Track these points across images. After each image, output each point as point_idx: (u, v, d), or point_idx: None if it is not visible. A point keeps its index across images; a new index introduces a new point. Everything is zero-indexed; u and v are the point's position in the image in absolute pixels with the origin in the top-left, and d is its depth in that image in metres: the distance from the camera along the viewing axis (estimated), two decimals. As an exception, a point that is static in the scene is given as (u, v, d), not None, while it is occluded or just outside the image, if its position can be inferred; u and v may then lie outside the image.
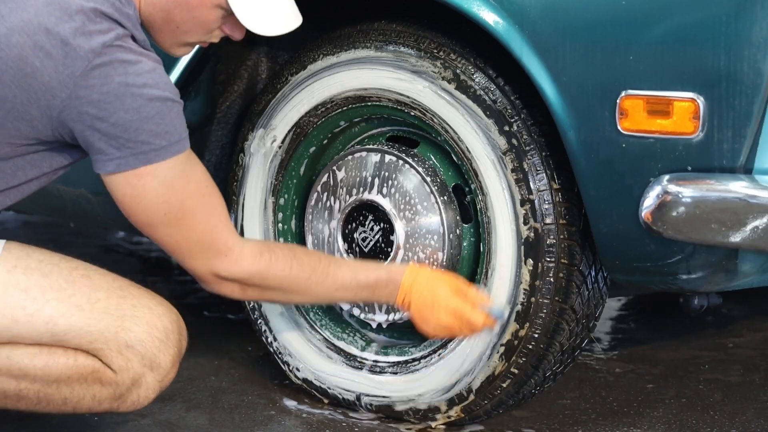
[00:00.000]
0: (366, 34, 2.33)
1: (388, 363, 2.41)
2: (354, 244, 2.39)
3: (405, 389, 2.37)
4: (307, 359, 2.49)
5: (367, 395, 2.42)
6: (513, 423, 2.40)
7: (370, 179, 2.36)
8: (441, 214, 2.30)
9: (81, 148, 2.03)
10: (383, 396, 2.40)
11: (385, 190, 2.33)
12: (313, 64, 2.39)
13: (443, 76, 2.23)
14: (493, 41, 2.15)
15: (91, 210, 2.70)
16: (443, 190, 2.31)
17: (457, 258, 2.32)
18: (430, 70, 2.24)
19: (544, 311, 2.20)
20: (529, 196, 2.17)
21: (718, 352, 2.90)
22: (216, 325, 3.07)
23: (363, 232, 2.38)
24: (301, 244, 2.51)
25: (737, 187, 1.96)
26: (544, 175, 2.17)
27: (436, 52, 2.24)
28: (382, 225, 2.36)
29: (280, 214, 2.50)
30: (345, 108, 2.39)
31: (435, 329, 2.17)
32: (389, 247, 2.34)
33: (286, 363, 2.52)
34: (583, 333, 2.30)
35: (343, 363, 2.45)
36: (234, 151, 2.55)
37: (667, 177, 2.00)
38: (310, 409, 2.47)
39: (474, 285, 2.27)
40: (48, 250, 2.06)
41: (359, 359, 2.44)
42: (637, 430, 2.38)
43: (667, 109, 1.99)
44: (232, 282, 2.08)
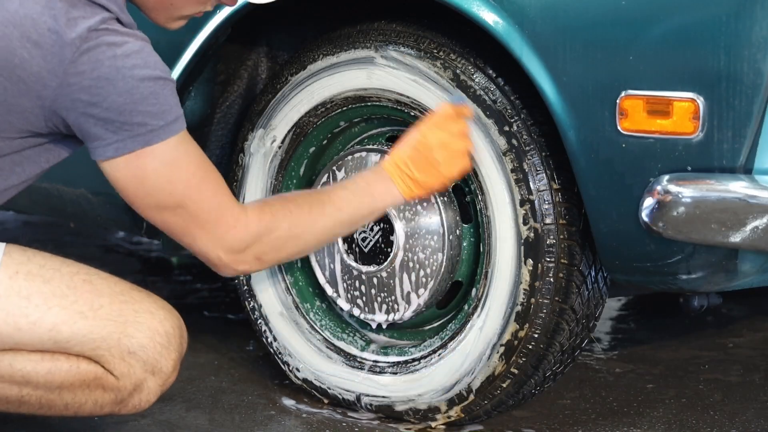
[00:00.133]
0: (366, 34, 2.33)
1: (388, 363, 2.41)
2: (354, 244, 2.39)
3: (405, 389, 2.37)
4: (307, 359, 2.49)
5: (367, 395, 2.42)
6: (513, 423, 2.40)
7: (370, 179, 2.35)
8: (441, 214, 2.30)
9: (77, 139, 2.00)
10: (383, 396, 2.40)
11: (385, 190, 2.33)
12: (313, 64, 2.38)
13: (443, 76, 2.23)
14: (493, 41, 2.15)
15: (91, 210, 2.70)
16: (443, 190, 2.31)
17: (456, 258, 2.32)
18: (429, 70, 2.24)
19: (544, 311, 2.20)
20: (529, 196, 2.17)
21: (718, 352, 2.90)
22: (216, 325, 3.07)
23: (363, 232, 2.38)
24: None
25: (737, 187, 1.95)
26: (544, 175, 2.17)
27: (436, 52, 2.24)
28: (381, 225, 2.36)
29: (280, 214, 2.50)
30: (345, 108, 2.39)
31: (450, 168, 2.15)
32: (389, 248, 2.34)
33: (286, 363, 2.52)
34: (583, 333, 2.30)
35: (343, 363, 2.45)
36: (234, 151, 2.55)
37: (667, 177, 2.00)
38: (310, 409, 2.47)
39: (473, 286, 2.27)
40: (48, 253, 2.04)
41: (359, 359, 2.44)
42: (637, 430, 2.38)
43: (667, 109, 1.99)
44: (246, 251, 2.03)
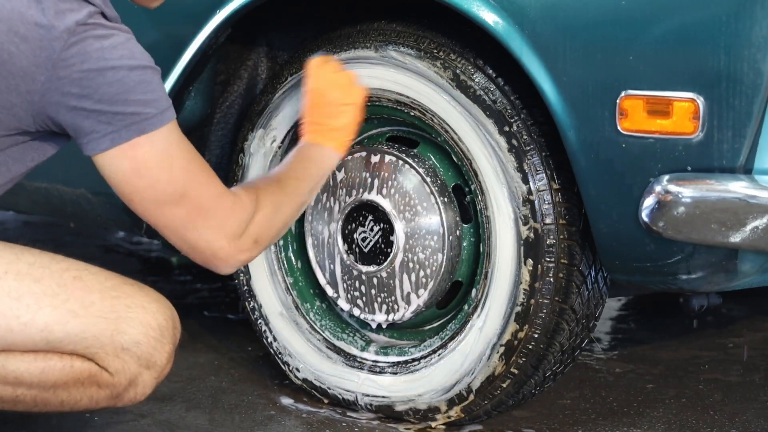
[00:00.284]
0: (366, 34, 2.32)
1: (388, 363, 2.41)
2: (354, 244, 2.39)
3: (405, 389, 2.37)
4: (307, 359, 2.49)
5: (367, 395, 2.42)
6: (513, 423, 2.40)
7: (369, 179, 2.35)
8: (441, 214, 2.30)
9: (63, 137, 1.99)
10: (383, 396, 2.40)
11: (384, 191, 2.33)
12: (313, 64, 2.38)
13: (443, 76, 2.23)
14: (493, 41, 2.15)
15: (91, 210, 2.70)
16: (443, 191, 2.31)
17: (456, 258, 2.32)
18: (429, 70, 2.24)
19: (544, 311, 2.20)
20: (529, 196, 2.17)
21: (718, 352, 2.90)
22: (216, 325, 3.07)
23: (363, 232, 2.38)
24: (301, 246, 2.51)
25: (737, 187, 1.95)
26: (544, 175, 2.17)
27: (435, 52, 2.24)
28: (381, 225, 2.36)
29: (280, 214, 2.50)
30: (345, 108, 2.39)
31: (355, 105, 2.26)
32: (389, 248, 2.34)
33: (286, 363, 2.52)
34: (583, 333, 2.30)
35: (343, 363, 2.45)
36: (234, 151, 2.55)
37: (667, 177, 2.00)
38: (310, 409, 2.47)
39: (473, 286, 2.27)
40: (36, 249, 2.02)
41: (359, 359, 2.44)
42: (637, 430, 2.38)
43: (667, 109, 1.99)
44: (246, 235, 2.03)
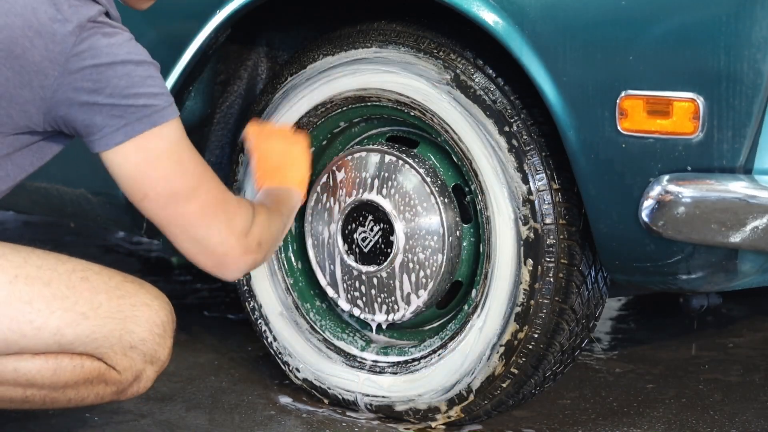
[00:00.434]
0: (366, 34, 2.32)
1: (388, 363, 2.41)
2: (354, 244, 2.39)
3: (405, 389, 2.37)
4: (307, 359, 2.49)
5: (367, 395, 2.42)
6: (513, 423, 2.40)
7: (370, 180, 2.35)
8: (441, 214, 2.30)
9: (66, 138, 2.00)
10: (383, 396, 2.40)
11: (385, 191, 2.33)
12: (313, 64, 2.38)
13: (443, 76, 2.22)
14: (493, 41, 2.15)
15: (91, 210, 2.70)
16: (443, 191, 2.31)
17: (456, 258, 2.32)
18: (429, 70, 2.24)
19: (544, 311, 2.20)
20: (529, 196, 2.17)
21: (718, 352, 2.90)
22: (216, 325, 3.07)
23: (363, 232, 2.38)
24: (301, 246, 2.51)
25: (737, 187, 1.95)
26: (544, 175, 2.17)
27: (436, 52, 2.24)
28: (382, 225, 2.36)
29: (280, 214, 2.50)
30: (345, 108, 2.39)
31: (304, 171, 2.34)
32: (389, 248, 2.34)
33: (286, 363, 2.52)
34: (583, 333, 2.30)
35: (343, 363, 2.45)
36: (234, 151, 2.55)
37: (667, 177, 2.00)
38: (310, 409, 2.47)
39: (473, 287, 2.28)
40: (39, 249, 2.03)
41: (359, 359, 2.44)
42: (637, 430, 2.38)
43: (667, 109, 1.99)
44: (251, 235, 2.04)
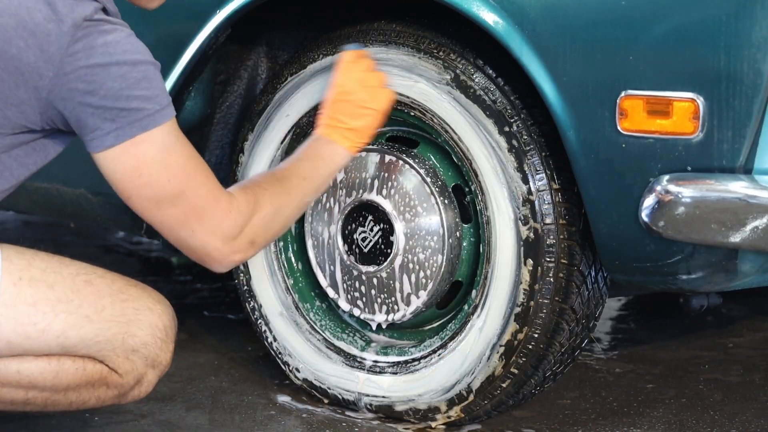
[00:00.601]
0: (366, 34, 2.32)
1: (388, 363, 2.41)
2: (354, 245, 2.39)
3: (405, 389, 2.37)
4: (307, 359, 2.49)
5: (367, 395, 2.42)
6: (513, 423, 2.40)
7: (369, 180, 2.35)
8: (441, 214, 2.30)
9: (66, 136, 2.00)
10: (383, 396, 2.40)
11: (384, 191, 2.33)
12: (313, 65, 2.38)
13: (443, 76, 2.22)
14: (493, 41, 2.15)
15: (91, 210, 2.70)
16: (443, 191, 2.31)
17: (456, 259, 2.32)
18: (430, 70, 2.24)
19: (544, 311, 2.20)
20: (529, 196, 2.17)
21: (718, 352, 2.90)
22: (216, 325, 3.07)
23: (363, 232, 2.38)
24: (301, 247, 2.51)
25: (737, 187, 1.95)
26: (544, 175, 2.17)
27: (436, 52, 2.24)
28: (382, 225, 2.36)
29: (280, 215, 2.50)
30: (345, 108, 2.39)
31: (379, 107, 2.23)
32: (389, 248, 2.34)
33: (286, 363, 2.52)
34: (583, 333, 2.30)
35: (343, 363, 2.45)
36: (234, 151, 2.55)
37: (667, 177, 2.00)
38: (310, 409, 2.47)
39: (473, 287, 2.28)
40: (43, 252, 2.03)
41: (359, 359, 2.44)
42: (637, 430, 2.38)
43: (667, 109, 1.99)
44: (241, 236, 2.03)
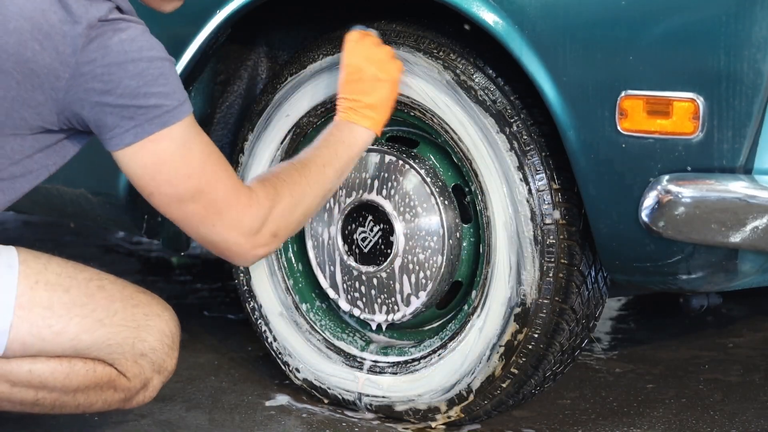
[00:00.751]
0: (366, 34, 2.32)
1: (388, 363, 2.41)
2: (354, 245, 2.39)
3: (405, 389, 2.37)
4: (307, 359, 2.49)
5: (367, 395, 2.42)
6: (513, 423, 2.40)
7: (369, 180, 2.35)
8: (441, 215, 2.30)
9: (84, 135, 2.01)
10: (383, 396, 2.40)
11: (385, 191, 2.33)
12: (313, 65, 2.38)
13: (443, 76, 2.22)
14: (493, 41, 2.15)
15: (91, 210, 2.70)
16: (443, 191, 2.31)
17: (456, 259, 2.31)
18: (429, 70, 2.24)
19: (544, 311, 2.20)
20: (529, 197, 2.17)
21: (718, 352, 2.90)
22: (216, 325, 3.07)
23: (363, 232, 2.38)
24: (301, 247, 2.51)
25: (737, 187, 1.95)
26: (544, 175, 2.17)
27: (436, 52, 2.24)
28: (382, 226, 2.36)
29: (280, 215, 2.50)
30: (345, 108, 2.39)
31: (393, 81, 2.22)
32: (389, 248, 2.34)
33: (286, 363, 2.52)
34: (583, 333, 2.30)
35: (343, 363, 2.45)
36: (234, 151, 2.55)
37: (666, 177, 2.00)
38: (310, 409, 2.47)
39: (472, 288, 2.28)
40: (56, 257, 2.06)
41: (359, 359, 2.44)
42: (637, 430, 2.38)
43: (667, 109, 1.99)
44: (263, 230, 2.04)
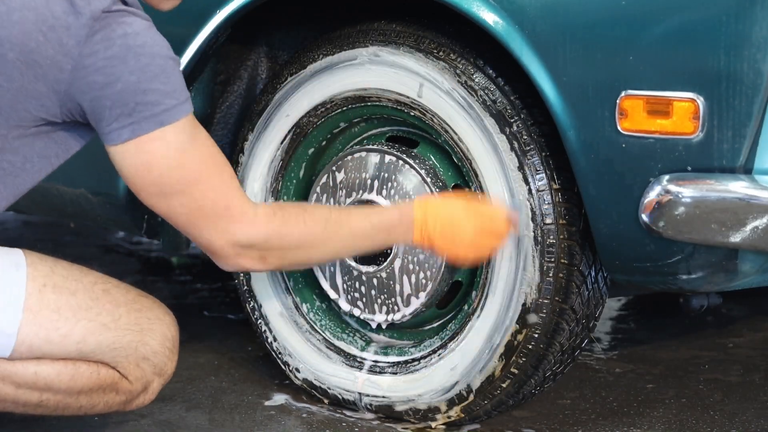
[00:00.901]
0: (366, 34, 2.32)
1: (388, 363, 2.41)
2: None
3: (405, 389, 2.37)
4: (307, 359, 2.49)
5: (367, 395, 2.42)
6: (513, 423, 2.40)
7: (369, 180, 2.35)
8: (441, 214, 2.30)
9: (87, 129, 2.00)
10: (383, 396, 2.40)
11: (385, 191, 2.33)
12: (313, 64, 2.38)
13: (443, 76, 2.22)
14: (493, 41, 2.15)
15: (91, 210, 2.70)
16: (443, 191, 2.31)
17: (457, 258, 2.32)
18: (429, 70, 2.24)
19: (544, 311, 2.20)
20: (529, 197, 2.17)
21: (718, 352, 2.90)
22: (216, 325, 3.07)
23: (363, 232, 2.38)
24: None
25: (737, 187, 1.96)
26: (544, 175, 2.17)
27: (436, 52, 2.24)
28: (382, 225, 2.35)
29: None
30: (345, 108, 2.39)
31: (467, 253, 2.14)
32: (389, 248, 2.34)
33: (286, 363, 2.52)
34: (583, 333, 2.30)
35: (343, 363, 2.45)
36: (234, 151, 2.55)
37: (667, 177, 2.00)
38: (310, 409, 2.47)
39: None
40: (62, 260, 2.07)
41: (359, 359, 2.44)
42: (637, 430, 2.38)
43: (667, 109, 1.99)
44: (251, 249, 2.02)
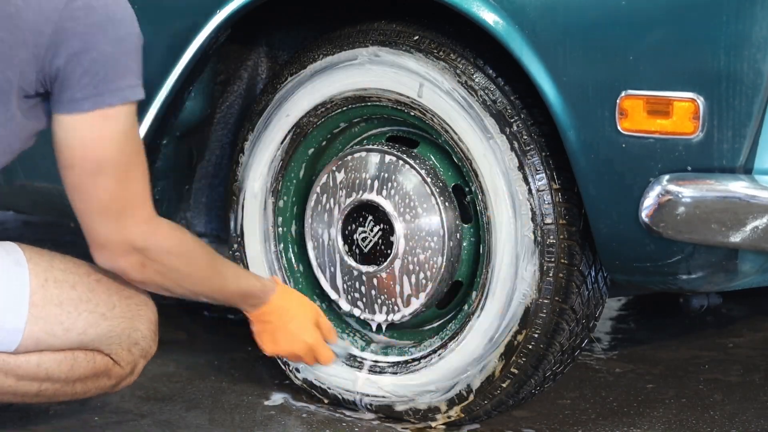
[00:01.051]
0: (366, 34, 2.32)
1: (388, 363, 2.41)
2: (354, 245, 2.39)
3: (405, 389, 2.37)
4: (307, 359, 2.49)
5: (367, 395, 2.42)
6: (513, 423, 2.40)
7: (369, 180, 2.35)
8: (441, 215, 2.30)
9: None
10: (383, 396, 2.40)
11: (385, 191, 2.33)
12: (313, 64, 2.38)
13: (443, 76, 2.22)
14: (493, 41, 2.15)
15: (91, 210, 2.70)
16: (444, 191, 2.31)
17: (456, 259, 2.31)
18: (429, 70, 2.24)
19: (544, 311, 2.20)
20: (529, 197, 2.17)
21: (718, 352, 2.90)
22: (216, 325, 3.07)
23: (363, 232, 2.38)
24: (302, 248, 2.50)
25: (737, 187, 1.95)
26: (544, 175, 2.17)
27: (436, 52, 2.24)
28: (382, 226, 2.35)
29: (280, 218, 2.50)
30: (345, 108, 2.39)
31: (280, 352, 2.30)
32: (389, 249, 2.34)
33: (286, 363, 2.52)
34: (583, 333, 2.30)
35: (343, 363, 2.45)
36: (234, 151, 2.55)
37: (667, 177, 2.00)
38: (310, 409, 2.47)
39: (472, 289, 2.28)
40: (57, 252, 2.09)
41: (359, 359, 2.44)
42: (637, 430, 2.38)
43: (667, 109, 1.99)
44: (138, 253, 2.00)
